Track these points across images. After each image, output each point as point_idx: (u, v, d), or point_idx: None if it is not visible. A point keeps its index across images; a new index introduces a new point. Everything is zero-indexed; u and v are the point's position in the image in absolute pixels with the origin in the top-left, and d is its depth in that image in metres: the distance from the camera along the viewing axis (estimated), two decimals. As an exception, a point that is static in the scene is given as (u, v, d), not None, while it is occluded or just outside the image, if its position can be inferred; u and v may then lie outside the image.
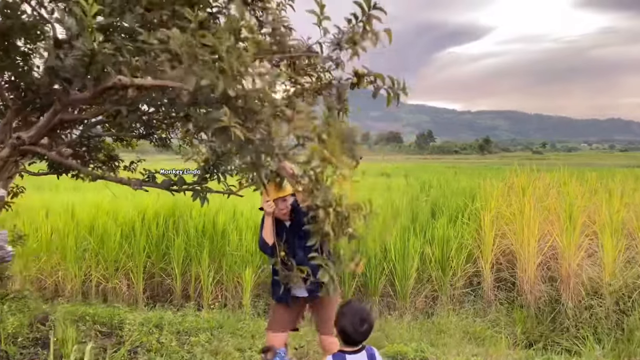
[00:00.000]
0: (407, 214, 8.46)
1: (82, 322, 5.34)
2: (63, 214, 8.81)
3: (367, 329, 2.52)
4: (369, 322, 2.53)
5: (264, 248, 3.48)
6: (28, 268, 7.77)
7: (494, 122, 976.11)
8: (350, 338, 2.52)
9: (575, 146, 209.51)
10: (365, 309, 2.62)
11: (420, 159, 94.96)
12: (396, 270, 6.49)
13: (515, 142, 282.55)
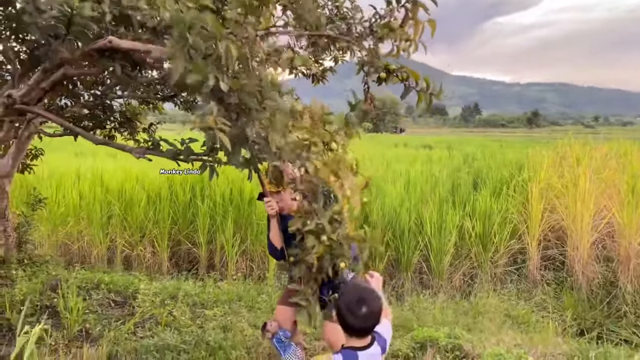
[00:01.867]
0: (447, 186, 7.85)
1: (97, 290, 5.10)
2: (92, 179, 8.66)
3: (367, 314, 2.00)
4: (370, 305, 1.99)
5: (273, 253, 3.04)
6: (55, 233, 7.69)
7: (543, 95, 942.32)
8: (349, 325, 2.03)
9: (631, 120, 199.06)
10: (366, 288, 2.08)
11: (466, 132, 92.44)
12: (432, 245, 5.96)
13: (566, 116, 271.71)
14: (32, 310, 4.31)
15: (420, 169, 11.66)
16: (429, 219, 6.14)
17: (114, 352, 3.56)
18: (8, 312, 4.10)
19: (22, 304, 4.38)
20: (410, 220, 6.34)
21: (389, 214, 6.50)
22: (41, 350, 3.53)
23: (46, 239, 7.70)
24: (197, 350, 3.48)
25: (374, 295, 2.05)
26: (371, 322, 2.05)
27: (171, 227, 7.40)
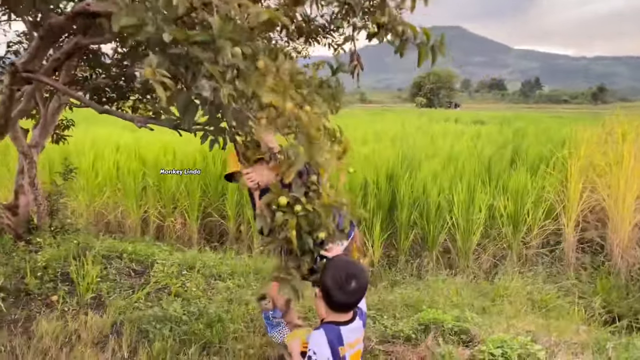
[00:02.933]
0: (484, 163, 7.50)
1: (120, 260, 5.20)
2: (129, 150, 8.86)
3: (356, 289, 1.90)
4: (359, 280, 1.90)
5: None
6: (93, 202, 7.93)
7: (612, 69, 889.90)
8: (335, 301, 1.92)
9: None
10: (355, 263, 2.00)
11: (524, 108, 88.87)
12: (459, 223, 5.71)
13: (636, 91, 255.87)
14: (52, 276, 4.43)
15: (466, 145, 11.28)
16: (456, 195, 5.88)
17: (119, 321, 3.61)
18: (28, 277, 4.22)
19: (44, 270, 4.54)
20: (439, 197, 6.09)
21: (417, 190, 6.28)
22: (50, 315, 3.62)
23: (84, 209, 7.96)
24: (197, 323, 3.47)
25: (361, 268, 1.98)
26: (359, 297, 1.96)
27: (202, 199, 7.47)
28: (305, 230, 2.07)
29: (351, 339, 1.92)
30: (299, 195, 2.05)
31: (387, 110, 51.86)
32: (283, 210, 2.03)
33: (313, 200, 2.08)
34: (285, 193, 2.07)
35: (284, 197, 2.01)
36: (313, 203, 2.05)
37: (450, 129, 18.07)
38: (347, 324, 1.92)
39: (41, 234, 5.40)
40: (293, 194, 2.07)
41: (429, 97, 76.51)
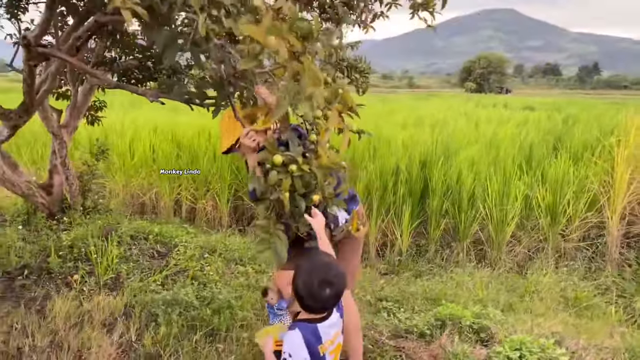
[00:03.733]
0: (525, 150, 7.11)
1: (145, 241, 5.22)
2: (165, 132, 8.94)
3: (329, 296, 1.73)
4: (333, 287, 1.73)
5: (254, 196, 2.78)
6: (129, 183, 8.05)
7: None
8: (307, 305, 1.78)
9: None
10: (330, 264, 1.79)
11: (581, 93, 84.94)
12: (492, 213, 5.42)
13: None
14: (76, 255, 4.48)
15: (510, 132, 10.82)
16: (489, 184, 5.58)
17: (132, 303, 3.59)
18: (52, 256, 4.28)
19: (69, 250, 4.60)
20: (473, 185, 5.81)
21: (451, 178, 6.02)
22: (67, 295, 3.65)
23: (121, 189, 8.10)
24: (206, 308, 3.40)
25: (337, 273, 1.77)
26: (333, 303, 1.79)
27: (233, 182, 7.45)
28: (300, 193, 1.93)
29: (330, 334, 1.78)
30: (295, 155, 1.91)
31: (434, 96, 50.75)
32: (277, 170, 1.89)
33: (310, 160, 1.94)
34: (281, 152, 1.94)
35: (279, 156, 1.88)
36: (310, 163, 1.91)
37: (497, 115, 17.42)
38: (323, 320, 1.77)
39: (73, 213, 5.48)
40: (289, 153, 1.93)
41: (479, 82, 74.37)
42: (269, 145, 1.93)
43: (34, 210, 5.43)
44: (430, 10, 4.40)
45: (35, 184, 5.38)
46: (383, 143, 7.98)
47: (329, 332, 1.77)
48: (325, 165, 1.96)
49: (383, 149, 7.50)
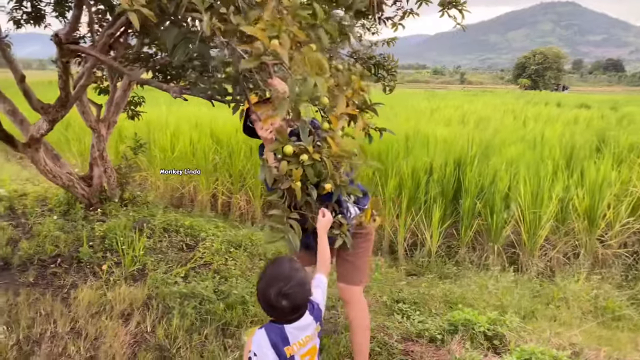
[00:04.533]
0: (566, 149, 6.81)
1: (176, 234, 5.35)
2: (204, 128, 9.12)
3: (287, 308, 1.70)
4: (292, 300, 1.70)
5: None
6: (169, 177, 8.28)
7: None
8: (265, 311, 1.77)
9: None
10: (289, 276, 1.72)
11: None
12: (525, 215, 5.23)
13: None
14: (107, 246, 4.64)
15: (557, 131, 10.43)
16: (522, 185, 5.39)
17: (153, 294, 3.69)
18: (84, 246, 4.45)
19: (101, 240, 4.77)
20: (507, 186, 5.62)
21: (486, 178, 5.85)
22: (93, 284, 3.79)
23: (162, 182, 8.34)
24: (220, 303, 3.45)
25: (297, 283, 1.73)
26: (293, 313, 1.76)
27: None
28: (312, 182, 1.92)
29: (300, 337, 1.75)
30: (306, 145, 1.90)
31: (486, 92, 49.51)
32: (288, 160, 1.89)
33: (321, 149, 1.92)
34: (292, 142, 1.94)
35: (290, 146, 1.88)
36: (321, 152, 1.90)
37: (547, 113, 16.82)
38: (291, 322, 1.75)
39: (111, 204, 5.68)
40: (300, 142, 1.92)
41: (534, 78, 71.83)
42: (280, 135, 1.93)
43: (74, 201, 5.65)
44: (459, 9, 4.29)
45: (76, 176, 5.60)
46: (420, 141, 7.86)
47: (297, 334, 1.75)
48: (336, 153, 1.94)
49: (419, 147, 7.38)
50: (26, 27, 5.28)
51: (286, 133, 1.99)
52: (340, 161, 2.00)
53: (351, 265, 2.66)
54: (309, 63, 1.75)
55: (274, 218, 1.94)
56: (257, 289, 1.77)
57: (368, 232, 2.74)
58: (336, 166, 1.99)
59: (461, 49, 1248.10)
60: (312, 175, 1.90)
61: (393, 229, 5.97)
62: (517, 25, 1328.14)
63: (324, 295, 1.95)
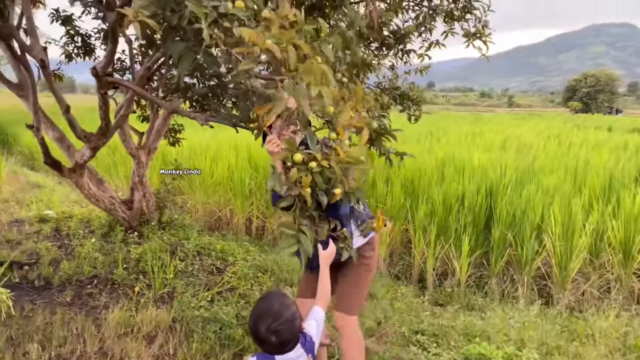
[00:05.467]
0: (605, 177, 6.62)
1: (208, 257, 5.53)
2: (242, 151, 9.37)
3: (276, 343, 1.78)
4: (280, 336, 1.77)
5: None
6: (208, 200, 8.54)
7: None
8: (255, 343, 1.85)
9: None
10: (278, 312, 1.79)
11: None
12: (555, 247, 5.11)
13: None
14: (142, 268, 4.85)
15: (605, 157, 10.12)
16: (552, 215, 5.27)
17: (179, 317, 3.84)
18: (119, 268, 4.67)
19: (136, 262, 4.99)
20: (539, 216, 5.52)
21: (519, 207, 5.76)
22: (125, 306, 3.97)
23: (201, 205, 8.61)
24: (240, 328, 3.55)
25: (287, 320, 1.81)
26: (284, 348, 1.83)
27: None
28: (321, 188, 1.98)
29: None
30: (314, 153, 1.97)
31: (534, 115, 48.39)
32: (298, 168, 1.96)
33: (329, 156, 1.98)
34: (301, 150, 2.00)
35: (299, 154, 1.95)
36: (329, 159, 1.96)
37: (595, 138, 16.28)
38: (282, 353, 1.82)
39: (149, 227, 5.92)
40: (309, 150, 1.99)
41: (585, 101, 69.69)
42: (288, 144, 2.00)
43: (115, 224, 5.93)
44: (483, 40, 4.35)
45: (117, 200, 5.88)
46: (455, 167, 7.82)
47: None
48: (344, 160, 1.99)
49: (453, 173, 7.35)
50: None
51: (295, 143, 2.06)
52: (348, 168, 2.04)
53: (349, 294, 2.71)
54: (313, 73, 1.83)
55: (285, 225, 2.00)
56: (248, 322, 1.85)
57: (370, 262, 2.79)
58: (345, 173, 2.03)
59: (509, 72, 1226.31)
60: (321, 182, 1.94)
61: (423, 258, 5.94)
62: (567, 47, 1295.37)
63: (320, 328, 2.01)
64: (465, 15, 4.35)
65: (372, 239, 2.76)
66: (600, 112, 63.17)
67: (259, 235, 7.75)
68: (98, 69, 3.71)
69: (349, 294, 2.69)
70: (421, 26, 4.48)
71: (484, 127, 22.11)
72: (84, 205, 7.60)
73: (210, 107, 5.83)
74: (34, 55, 4.13)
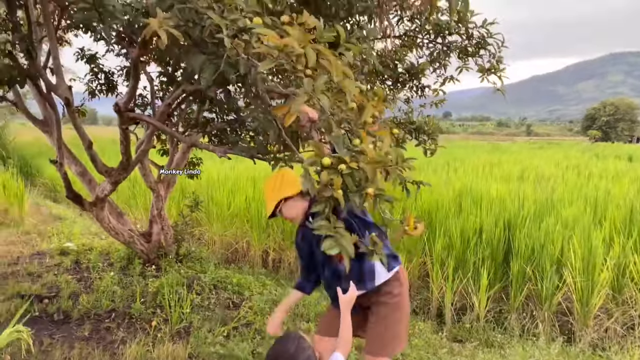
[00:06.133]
0: (626, 209, 6.52)
1: (224, 290, 5.53)
2: (259, 183, 9.44)
3: None
4: None
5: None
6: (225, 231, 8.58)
7: None
8: None
9: None
10: (297, 357, 1.84)
11: None
12: (576, 282, 5.01)
13: None
14: (159, 302, 4.87)
15: (626, 188, 9.99)
16: (572, 249, 5.19)
17: (195, 353, 3.83)
18: (137, 302, 4.70)
19: (154, 296, 5.02)
20: (559, 250, 5.44)
21: (538, 240, 5.68)
22: (142, 340, 3.98)
23: (218, 237, 8.65)
24: (255, 364, 3.54)
25: None
26: None
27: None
28: (352, 190, 1.96)
29: None
30: (342, 156, 1.96)
31: (552, 144, 48.08)
32: (327, 171, 1.95)
33: (357, 158, 1.97)
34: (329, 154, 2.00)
35: (327, 158, 1.94)
36: (358, 160, 1.95)
37: (615, 167, 16.09)
38: None
39: (167, 260, 5.97)
40: (337, 154, 1.98)
41: (605, 130, 69.07)
42: (314, 147, 2.00)
43: (134, 256, 5.99)
44: (498, 75, 4.39)
45: (136, 232, 5.96)
46: (473, 198, 7.78)
47: None
48: (374, 159, 1.98)
49: (471, 205, 7.31)
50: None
51: (322, 147, 2.06)
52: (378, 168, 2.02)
53: (377, 335, 2.64)
54: (335, 68, 1.85)
55: (323, 228, 1.99)
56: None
57: (399, 300, 2.72)
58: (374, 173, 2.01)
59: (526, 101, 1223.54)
60: (351, 183, 1.94)
61: (441, 292, 5.87)
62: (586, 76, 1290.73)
63: None
64: (479, 51, 4.40)
65: (399, 273, 2.72)
66: (620, 140, 62.52)
67: (275, 267, 7.74)
68: (120, 105, 3.82)
69: (378, 335, 2.62)
70: (435, 62, 4.54)
71: (502, 156, 22.03)
72: (104, 238, 7.70)
73: (229, 140, 5.95)
74: (59, 94, 4.27)
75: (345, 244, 1.90)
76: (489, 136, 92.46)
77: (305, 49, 1.76)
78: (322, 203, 1.98)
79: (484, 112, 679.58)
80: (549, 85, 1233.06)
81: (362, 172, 1.92)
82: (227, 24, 1.81)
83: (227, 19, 1.83)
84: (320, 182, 1.94)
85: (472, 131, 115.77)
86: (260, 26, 1.85)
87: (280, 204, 2.72)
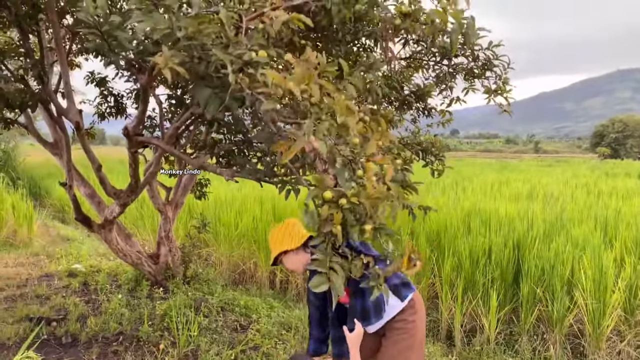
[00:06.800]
0: (633, 229, 6.45)
1: (232, 312, 5.51)
2: (267, 204, 9.45)
3: None
4: None
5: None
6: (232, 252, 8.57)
7: None
8: None
9: None
10: None
11: None
12: (587, 303, 4.95)
13: None
14: (166, 325, 4.86)
15: (638, 207, 9.90)
16: (582, 269, 5.13)
17: (203, 377, 3.81)
18: (144, 324, 4.69)
19: (161, 318, 5.01)
20: (569, 271, 5.38)
21: (548, 261, 5.63)
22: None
23: (225, 258, 8.64)
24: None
25: None
26: None
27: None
28: (351, 224, 1.95)
29: None
30: (344, 190, 1.95)
31: (561, 161, 47.85)
32: (328, 205, 1.94)
33: (359, 192, 1.96)
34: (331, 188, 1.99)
35: (329, 192, 1.94)
36: (358, 195, 1.94)
37: (625, 185, 15.96)
38: None
39: (174, 282, 5.97)
40: (338, 188, 1.98)
41: (614, 147, 68.73)
42: (317, 181, 2.00)
43: (141, 278, 5.99)
44: (505, 96, 4.40)
45: (144, 254, 5.97)
46: (482, 218, 7.73)
47: None
48: (373, 195, 1.98)
49: (480, 225, 7.26)
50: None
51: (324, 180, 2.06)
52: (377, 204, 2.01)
53: (387, 356, 2.64)
54: (338, 105, 1.87)
55: (317, 263, 1.98)
56: None
57: (412, 327, 2.70)
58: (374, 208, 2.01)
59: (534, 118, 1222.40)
60: (351, 219, 1.93)
61: (450, 314, 5.81)
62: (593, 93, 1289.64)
63: None
64: (485, 73, 4.41)
65: (414, 300, 2.72)
66: (629, 157, 62.12)
67: (283, 289, 7.70)
68: (129, 128, 3.86)
69: (389, 359, 2.63)
70: (441, 84, 4.55)
71: (510, 174, 21.94)
72: (112, 259, 7.72)
73: (236, 162, 5.97)
74: (70, 118, 4.33)
75: (337, 283, 1.89)
76: (497, 153, 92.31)
77: (309, 85, 1.80)
78: (321, 237, 1.99)
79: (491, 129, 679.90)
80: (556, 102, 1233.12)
81: (362, 207, 1.94)
82: (231, 59, 1.84)
83: (232, 54, 1.86)
84: (320, 217, 1.95)
85: (480, 148, 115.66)
86: (265, 59, 1.88)
87: (281, 256, 2.85)
